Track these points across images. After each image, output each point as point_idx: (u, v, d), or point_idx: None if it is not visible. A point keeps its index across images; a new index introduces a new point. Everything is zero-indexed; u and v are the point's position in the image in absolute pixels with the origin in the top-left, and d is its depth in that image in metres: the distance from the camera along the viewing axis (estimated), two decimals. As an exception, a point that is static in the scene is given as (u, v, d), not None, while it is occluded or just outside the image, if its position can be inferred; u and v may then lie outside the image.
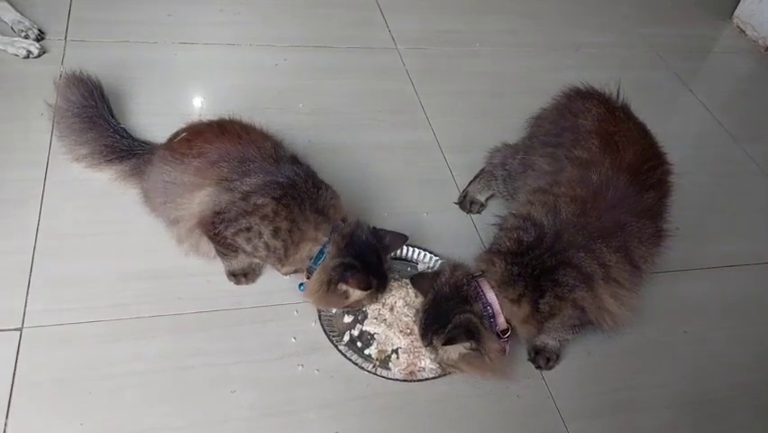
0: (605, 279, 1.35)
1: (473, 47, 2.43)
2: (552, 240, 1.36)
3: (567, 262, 1.34)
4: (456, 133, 2.07)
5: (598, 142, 1.48)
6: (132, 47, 2.06)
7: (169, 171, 1.47)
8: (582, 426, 1.46)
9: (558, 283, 1.34)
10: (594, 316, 1.38)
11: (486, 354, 1.36)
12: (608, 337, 1.62)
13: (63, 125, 1.66)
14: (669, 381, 1.59)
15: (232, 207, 1.39)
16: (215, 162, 1.43)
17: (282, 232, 1.38)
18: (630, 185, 1.42)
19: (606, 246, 1.36)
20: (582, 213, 1.38)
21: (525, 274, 1.34)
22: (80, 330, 1.40)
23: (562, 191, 1.42)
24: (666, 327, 1.70)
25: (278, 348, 1.46)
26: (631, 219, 1.40)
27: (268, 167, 1.42)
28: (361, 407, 1.40)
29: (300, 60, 2.18)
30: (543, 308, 1.34)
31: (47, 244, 1.52)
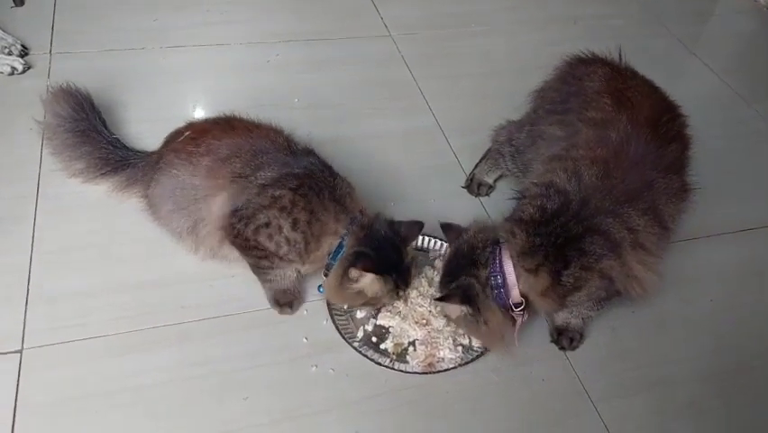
0: (633, 245, 1.26)
1: (468, 28, 2.35)
2: (578, 206, 1.26)
3: (595, 230, 1.24)
4: (458, 116, 2.00)
5: (610, 101, 1.41)
6: (120, 55, 2.00)
7: (177, 175, 1.40)
8: (613, 405, 1.39)
9: (585, 252, 1.24)
10: (622, 285, 1.29)
11: (482, 323, 1.30)
12: (631, 312, 1.55)
13: (56, 142, 1.59)
14: (698, 353, 1.51)
15: (248, 203, 1.32)
16: (227, 159, 1.36)
17: (301, 223, 1.31)
18: (652, 139, 1.34)
19: (634, 209, 1.27)
20: (606, 174, 1.29)
21: (548, 244, 1.24)
22: (82, 347, 1.34)
23: (581, 154, 1.34)
24: (691, 296, 1.62)
25: (289, 350, 1.39)
26: (657, 176, 1.31)
27: (283, 158, 1.35)
28: (380, 404, 1.33)
29: (293, 55, 2.11)
30: (566, 281, 1.25)
31: (43, 261, 1.46)
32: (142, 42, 2.04)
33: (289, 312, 1.45)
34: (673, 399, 1.42)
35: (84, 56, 1.97)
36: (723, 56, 2.45)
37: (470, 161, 1.82)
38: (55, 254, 1.48)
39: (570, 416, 1.37)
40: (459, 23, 2.35)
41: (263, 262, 1.39)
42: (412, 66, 2.14)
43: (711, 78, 2.32)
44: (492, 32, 2.36)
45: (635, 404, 1.40)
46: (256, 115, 1.50)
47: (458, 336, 1.44)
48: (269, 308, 1.45)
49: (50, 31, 2.02)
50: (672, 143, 1.37)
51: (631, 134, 1.34)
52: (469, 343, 1.44)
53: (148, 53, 2.02)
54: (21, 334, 1.34)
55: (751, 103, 2.23)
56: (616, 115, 1.37)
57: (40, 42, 1.97)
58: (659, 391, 1.43)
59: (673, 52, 2.44)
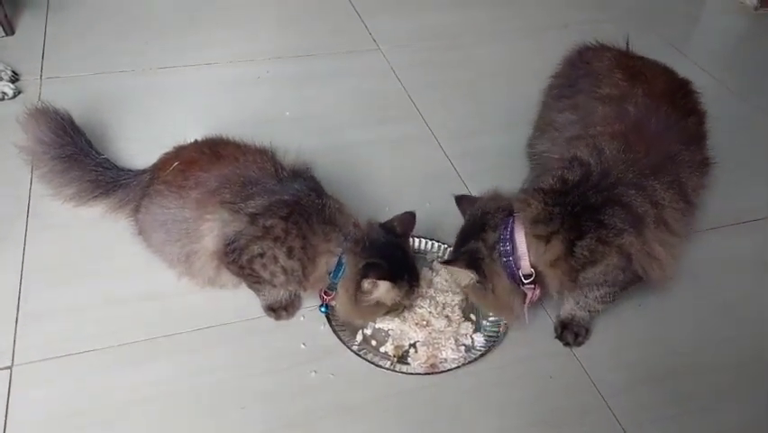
0: (657, 221, 1.21)
1: (457, 39, 2.37)
2: (599, 177, 1.22)
3: (616, 201, 1.20)
4: (450, 123, 2.00)
5: (622, 76, 1.40)
6: (110, 77, 2.01)
7: (168, 208, 1.39)
8: (624, 400, 1.35)
9: (603, 225, 1.19)
10: (641, 265, 1.23)
11: (490, 291, 1.26)
12: (637, 306, 1.52)
13: (44, 169, 1.57)
14: (710, 344, 1.47)
15: (240, 235, 1.30)
16: (216, 190, 1.35)
17: (296, 251, 1.30)
18: (672, 112, 1.32)
19: (659, 183, 1.23)
20: (627, 148, 1.26)
21: (564, 213, 1.20)
22: (74, 362, 1.31)
23: (599, 131, 1.31)
24: (697, 288, 1.59)
25: (287, 357, 1.36)
26: (680, 148, 1.29)
27: (271, 187, 1.34)
28: (383, 407, 1.29)
29: (282, 71, 2.12)
30: (579, 253, 1.19)
31: (33, 278, 1.44)
32: (133, 65, 2.06)
33: (286, 317, 1.42)
34: (687, 391, 1.38)
35: (75, 80, 1.98)
36: (714, 56, 2.47)
37: (465, 165, 1.82)
38: (45, 272, 1.46)
39: (580, 412, 1.33)
40: (447, 35, 2.38)
41: (256, 286, 1.39)
42: (402, 77, 2.16)
43: (704, 77, 2.32)
44: (481, 42, 2.38)
45: (648, 398, 1.36)
46: (247, 131, 1.49)
47: (460, 337, 1.41)
48: (263, 315, 1.43)
49: (41, 57, 2.04)
50: (690, 116, 1.36)
51: (650, 107, 1.32)
52: (471, 343, 1.41)
53: (138, 75, 2.04)
54: (11, 350, 1.31)
55: (746, 98, 2.23)
56: (631, 89, 1.37)
57: (30, 68, 1.99)
58: (671, 384, 1.39)
59: (664, 54, 2.40)
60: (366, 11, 2.43)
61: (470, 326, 1.43)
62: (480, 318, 1.46)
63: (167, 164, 1.46)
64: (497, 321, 1.44)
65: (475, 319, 1.46)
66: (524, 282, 1.27)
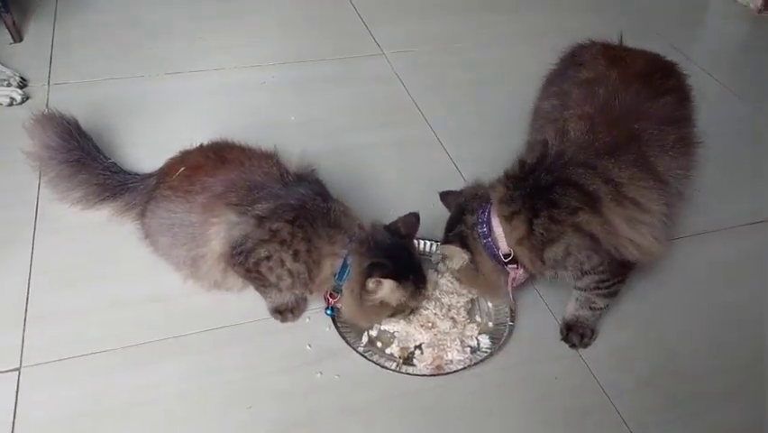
0: (616, 199, 1.23)
1: (459, 43, 2.39)
2: (553, 159, 1.27)
3: (566, 180, 1.24)
4: (454, 126, 2.01)
5: (605, 62, 1.43)
6: (117, 83, 2.03)
7: (174, 212, 1.40)
8: (630, 400, 1.35)
9: (554, 204, 1.23)
10: (611, 245, 1.25)
11: (478, 270, 1.32)
12: (643, 307, 1.52)
13: (51, 174, 1.58)
14: (716, 345, 1.48)
15: (246, 238, 1.32)
16: (222, 194, 1.36)
17: (302, 254, 1.31)
18: (641, 92, 1.33)
19: (614, 161, 1.25)
20: (591, 129, 1.29)
21: (524, 195, 1.26)
22: (81, 363, 1.32)
23: (570, 113, 1.35)
24: (702, 289, 1.60)
25: (293, 358, 1.37)
26: (646, 127, 1.29)
27: (277, 191, 1.35)
28: (389, 408, 1.30)
29: (287, 76, 2.14)
30: (537, 231, 1.25)
31: (41, 281, 1.46)
32: (140, 71, 2.08)
33: (291, 319, 1.43)
34: (693, 393, 1.38)
35: (82, 86, 2.00)
36: (717, 59, 2.47)
37: (469, 168, 1.82)
38: (53, 274, 1.47)
39: (586, 413, 1.33)
40: (449, 39, 2.39)
41: (263, 289, 1.40)
42: (406, 81, 2.17)
43: (707, 79, 2.34)
44: (483, 47, 2.39)
45: (654, 399, 1.36)
46: (252, 134, 1.51)
47: (465, 338, 1.42)
48: (269, 317, 1.43)
49: (48, 63, 2.06)
50: (666, 95, 1.36)
51: (618, 88, 1.34)
52: (477, 344, 1.41)
53: (145, 80, 2.06)
54: (19, 352, 1.32)
55: (749, 101, 2.24)
56: (607, 72, 1.38)
57: (38, 74, 2.01)
58: (677, 385, 1.39)
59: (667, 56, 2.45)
60: (370, 17, 2.45)
61: (475, 327, 1.44)
62: (487, 320, 1.47)
63: (173, 169, 1.47)
64: (502, 322, 1.45)
65: (480, 321, 1.46)
66: (505, 262, 1.32)
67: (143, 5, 2.38)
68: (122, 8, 2.36)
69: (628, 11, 2.71)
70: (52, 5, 2.31)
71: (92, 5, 2.34)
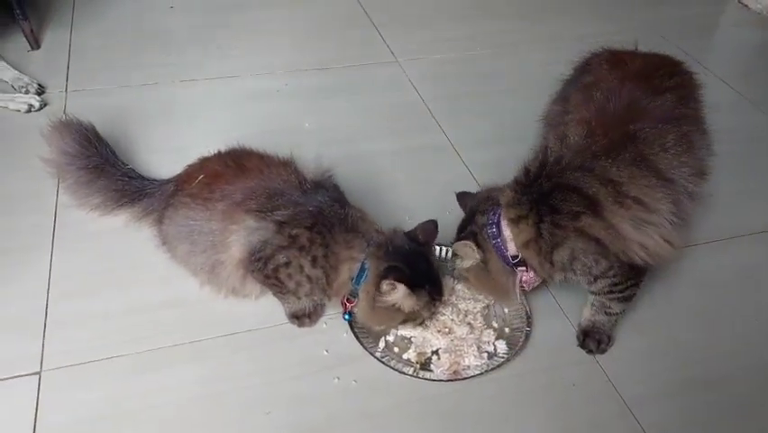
0: (618, 201, 1.24)
1: (473, 51, 2.40)
2: (551, 165, 1.30)
3: (564, 185, 1.27)
4: (468, 132, 2.02)
5: (607, 66, 1.45)
6: (134, 90, 2.06)
7: (193, 220, 1.41)
8: (650, 409, 1.35)
9: (556, 210, 1.26)
10: (618, 249, 1.26)
11: (487, 269, 1.36)
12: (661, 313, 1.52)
13: (70, 180, 1.61)
14: (737, 352, 1.48)
15: (266, 244, 1.33)
16: (242, 202, 1.37)
17: (320, 259, 1.33)
18: (635, 91, 1.34)
19: (611, 161, 1.26)
20: (588, 133, 1.31)
21: (530, 200, 1.29)
22: (100, 367, 1.33)
23: (570, 118, 1.37)
24: (720, 295, 1.60)
25: (310, 363, 1.38)
26: (643, 126, 1.30)
27: (296, 199, 1.37)
28: (406, 414, 1.31)
29: (302, 84, 2.16)
30: (544, 235, 1.28)
31: (60, 286, 1.47)
32: (156, 78, 2.11)
33: (309, 324, 1.44)
34: (714, 398, 1.38)
35: (99, 93, 2.03)
36: (731, 66, 2.48)
37: (484, 174, 1.83)
38: (72, 280, 1.49)
39: (604, 421, 1.33)
40: (463, 47, 2.41)
41: (280, 295, 1.42)
42: (420, 88, 2.19)
43: (721, 86, 2.34)
44: (496, 54, 2.41)
45: (674, 407, 1.36)
46: (267, 141, 1.53)
47: (482, 344, 1.42)
48: (286, 322, 1.45)
49: (66, 70, 2.09)
50: (666, 93, 1.37)
51: (613, 90, 1.35)
52: (494, 350, 1.42)
53: (161, 87, 2.09)
54: (39, 356, 1.33)
55: (764, 109, 2.24)
56: (606, 75, 1.40)
57: (56, 81, 2.04)
58: (697, 391, 1.39)
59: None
60: (384, 24, 2.48)
61: (492, 333, 1.44)
62: (503, 326, 1.47)
63: (191, 177, 1.49)
64: (519, 328, 1.46)
65: (497, 327, 1.47)
66: (513, 264, 1.34)
67: (158, 15, 2.42)
68: (137, 17, 2.39)
69: (643, 18, 2.72)
70: (69, 14, 2.35)
71: (108, 14, 2.37)
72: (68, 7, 2.37)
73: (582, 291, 1.47)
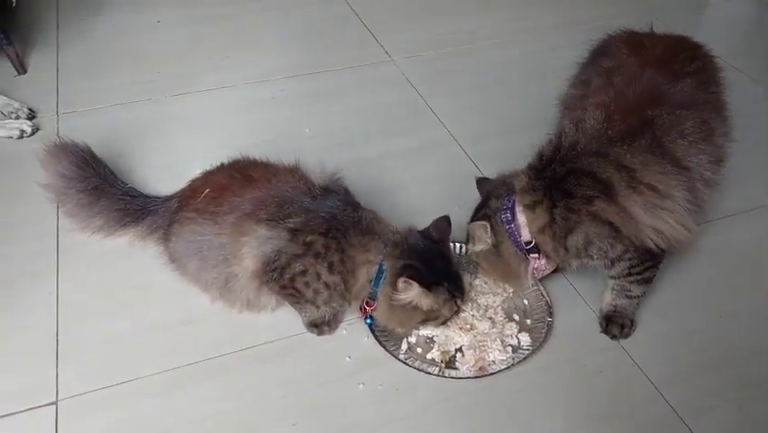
0: (632, 186, 1.24)
1: (470, 44, 2.39)
2: (566, 150, 1.30)
3: (579, 170, 1.27)
4: (471, 126, 2.01)
5: (627, 50, 1.44)
6: (126, 108, 2.03)
7: (202, 235, 1.39)
8: (679, 390, 1.34)
9: (569, 194, 1.27)
10: (631, 233, 1.26)
11: (499, 254, 1.37)
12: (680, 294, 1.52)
13: (70, 204, 1.58)
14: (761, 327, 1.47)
15: (280, 254, 1.32)
16: (252, 213, 1.36)
17: (336, 265, 1.32)
18: (656, 77, 1.34)
19: (626, 147, 1.26)
20: (606, 118, 1.31)
21: (544, 185, 1.30)
22: (118, 391, 1.31)
23: (589, 102, 1.37)
24: (741, 270, 1.60)
25: (333, 371, 1.36)
26: (661, 112, 1.30)
27: (307, 205, 1.35)
28: (436, 414, 1.29)
29: (298, 89, 2.14)
30: (558, 220, 1.28)
31: (69, 312, 1.45)
32: (148, 94, 2.08)
33: (328, 332, 1.42)
34: (742, 375, 1.38)
35: (91, 113, 2.00)
36: (725, 41, 2.45)
37: (490, 166, 1.80)
38: (81, 305, 1.47)
39: (635, 405, 1.32)
40: (458, 41, 2.39)
41: (297, 306, 1.40)
42: (418, 86, 2.17)
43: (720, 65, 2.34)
44: (494, 46, 2.40)
45: (704, 386, 1.36)
46: (268, 150, 1.52)
47: (505, 337, 1.41)
48: (305, 331, 1.43)
49: (56, 93, 2.06)
50: (686, 78, 1.36)
51: (634, 75, 1.35)
52: (517, 343, 1.41)
53: (154, 103, 2.06)
54: (54, 386, 1.31)
55: (762, 82, 2.24)
56: (627, 59, 1.40)
57: (46, 105, 2.01)
58: (725, 369, 1.39)
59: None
60: (375, 25, 2.46)
61: (514, 326, 1.43)
62: (524, 318, 1.46)
63: (196, 192, 1.47)
64: (540, 319, 1.45)
65: (518, 319, 1.46)
66: (527, 250, 1.34)
67: (145, 30, 2.39)
68: (124, 34, 2.37)
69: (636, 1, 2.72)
70: (54, 35, 2.32)
71: (93, 33, 2.35)
72: (52, 29, 2.35)
73: (601, 278, 1.47)
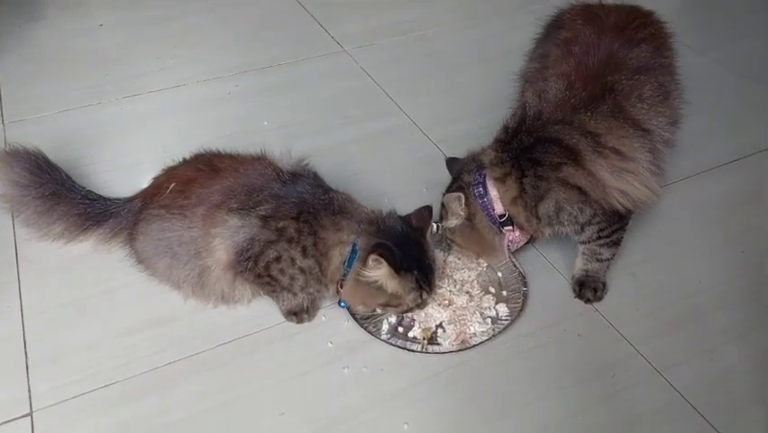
0: (597, 150, 1.29)
1: (421, 31, 2.42)
2: (532, 120, 1.34)
3: (546, 138, 1.31)
4: (430, 111, 2.04)
5: (582, 20, 1.49)
6: (76, 113, 1.97)
7: (171, 231, 1.37)
8: (654, 345, 1.40)
9: (538, 162, 1.31)
10: (599, 196, 1.31)
11: (474, 228, 1.40)
12: (648, 255, 1.58)
13: (28, 212, 1.52)
14: (723, 280, 1.55)
15: (252, 242, 1.31)
16: (222, 203, 1.34)
17: (309, 248, 1.31)
18: (613, 44, 1.39)
19: (590, 114, 1.31)
20: (568, 87, 1.35)
21: (511, 157, 1.33)
22: (95, 398, 1.27)
23: (550, 73, 1.40)
24: (699, 228, 1.67)
25: (316, 357, 1.36)
26: (620, 78, 1.35)
27: (277, 191, 1.35)
28: (423, 391, 1.31)
29: (252, 84, 2.13)
30: (528, 189, 1.32)
31: (36, 322, 1.40)
32: (97, 97, 2.03)
33: (308, 319, 1.42)
34: (715, 327, 1.44)
35: (39, 120, 1.94)
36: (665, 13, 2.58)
37: (452, 148, 1.84)
38: (47, 313, 1.42)
39: (616, 363, 1.37)
40: (409, 29, 2.42)
41: (274, 294, 1.40)
42: (373, 74, 2.19)
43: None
44: (444, 33, 2.43)
45: (677, 340, 1.42)
46: (227, 145, 1.51)
47: (483, 310, 1.44)
48: (284, 321, 1.42)
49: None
50: (641, 44, 1.42)
51: (592, 44, 1.40)
52: (496, 314, 1.44)
53: (105, 107, 2.01)
54: (27, 397, 1.26)
55: (702, 52, 2.34)
56: (583, 29, 1.44)
57: (-10, 114, 1.94)
58: (695, 322, 1.45)
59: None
60: (324, 16, 2.46)
61: (491, 298, 1.46)
62: (500, 290, 1.49)
63: (160, 188, 1.44)
64: (516, 289, 1.48)
65: (495, 291, 1.49)
66: (501, 223, 1.39)
67: (87, 34, 2.32)
68: (64, 39, 2.30)
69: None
70: (-11, 46, 2.24)
71: (33, 40, 2.27)
72: (-12, 38, 2.27)
73: (570, 246, 1.52)
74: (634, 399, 1.31)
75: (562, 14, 1.62)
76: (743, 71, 2.26)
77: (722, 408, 1.30)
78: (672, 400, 1.31)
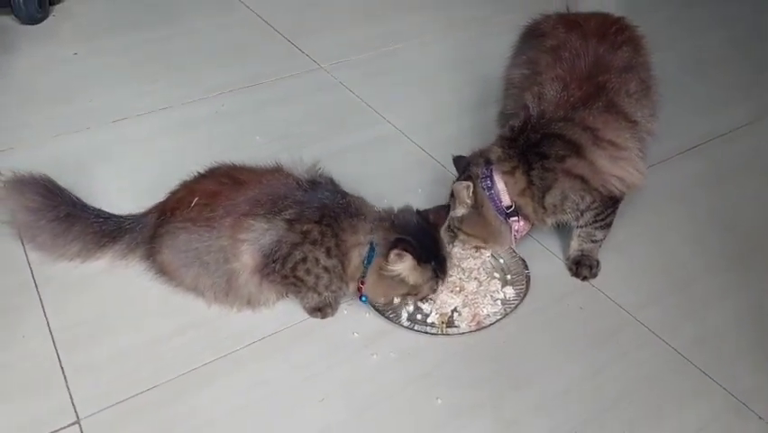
0: (596, 143, 1.50)
1: (390, 46, 2.60)
2: (536, 119, 1.52)
3: (551, 134, 1.50)
4: (413, 118, 2.21)
5: (563, 28, 1.68)
6: (66, 139, 2.04)
7: (199, 242, 1.47)
8: (651, 312, 1.60)
9: (545, 155, 1.50)
10: (599, 183, 1.51)
11: (481, 216, 1.57)
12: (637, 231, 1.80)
13: (43, 237, 1.59)
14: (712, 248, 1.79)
15: (279, 244, 1.43)
16: (249, 212, 1.46)
17: (333, 249, 1.45)
18: (599, 48, 1.60)
19: (588, 111, 1.51)
20: (564, 88, 1.55)
21: (518, 153, 1.52)
22: (140, 401, 1.36)
23: (543, 78, 1.59)
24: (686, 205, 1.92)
25: (344, 348, 1.49)
26: (610, 77, 1.56)
27: (300, 198, 1.48)
28: (448, 369, 1.46)
29: (238, 102, 2.25)
30: (536, 181, 1.51)
31: (66, 338, 1.47)
32: (86, 123, 2.10)
33: (331, 314, 1.54)
34: (705, 293, 1.66)
35: (29, 148, 2.00)
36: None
37: (440, 152, 2.02)
38: (76, 329, 1.49)
39: (616, 330, 1.56)
40: (382, 43, 2.60)
41: (299, 294, 1.53)
42: (353, 88, 2.35)
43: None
44: (420, 45, 2.63)
45: (672, 305, 1.63)
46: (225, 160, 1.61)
47: (492, 293, 1.60)
48: (307, 318, 1.54)
49: (-12, 130, 2.04)
50: (623, 47, 1.64)
51: (581, 47, 1.61)
52: (504, 296, 1.60)
53: (94, 132, 2.08)
54: (71, 406, 1.34)
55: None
56: (567, 37, 1.65)
57: (-22, 148, 1.99)
58: (690, 290, 1.67)
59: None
60: (295, 36, 2.61)
61: (498, 282, 1.63)
62: (505, 274, 1.67)
63: (182, 202, 1.53)
64: (519, 273, 1.65)
65: (500, 276, 1.66)
66: (507, 214, 1.55)
67: (63, 63, 2.38)
68: (41, 69, 2.35)
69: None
70: (-37, 77, 2.28)
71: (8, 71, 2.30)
72: (-39, 72, 2.31)
73: (562, 232, 1.72)
74: (640, 359, 1.50)
75: (539, 24, 1.81)
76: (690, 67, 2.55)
77: (717, 361, 1.50)
78: (673, 358, 1.51)
